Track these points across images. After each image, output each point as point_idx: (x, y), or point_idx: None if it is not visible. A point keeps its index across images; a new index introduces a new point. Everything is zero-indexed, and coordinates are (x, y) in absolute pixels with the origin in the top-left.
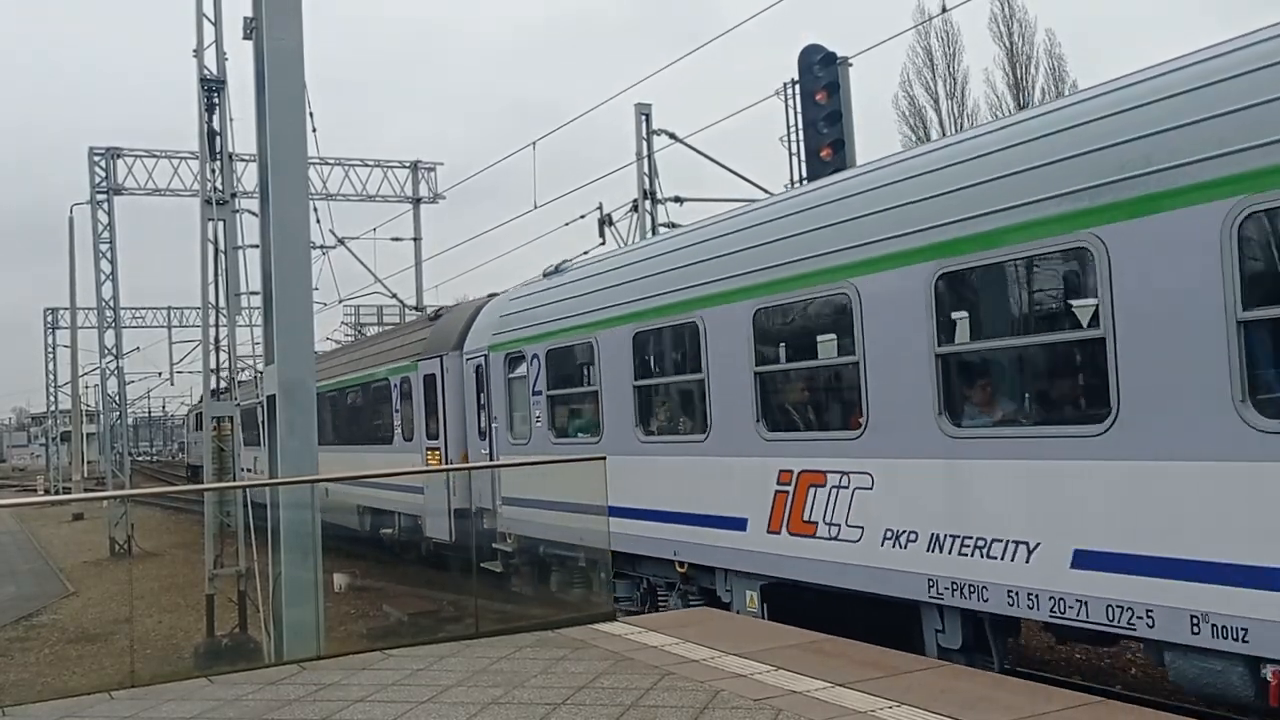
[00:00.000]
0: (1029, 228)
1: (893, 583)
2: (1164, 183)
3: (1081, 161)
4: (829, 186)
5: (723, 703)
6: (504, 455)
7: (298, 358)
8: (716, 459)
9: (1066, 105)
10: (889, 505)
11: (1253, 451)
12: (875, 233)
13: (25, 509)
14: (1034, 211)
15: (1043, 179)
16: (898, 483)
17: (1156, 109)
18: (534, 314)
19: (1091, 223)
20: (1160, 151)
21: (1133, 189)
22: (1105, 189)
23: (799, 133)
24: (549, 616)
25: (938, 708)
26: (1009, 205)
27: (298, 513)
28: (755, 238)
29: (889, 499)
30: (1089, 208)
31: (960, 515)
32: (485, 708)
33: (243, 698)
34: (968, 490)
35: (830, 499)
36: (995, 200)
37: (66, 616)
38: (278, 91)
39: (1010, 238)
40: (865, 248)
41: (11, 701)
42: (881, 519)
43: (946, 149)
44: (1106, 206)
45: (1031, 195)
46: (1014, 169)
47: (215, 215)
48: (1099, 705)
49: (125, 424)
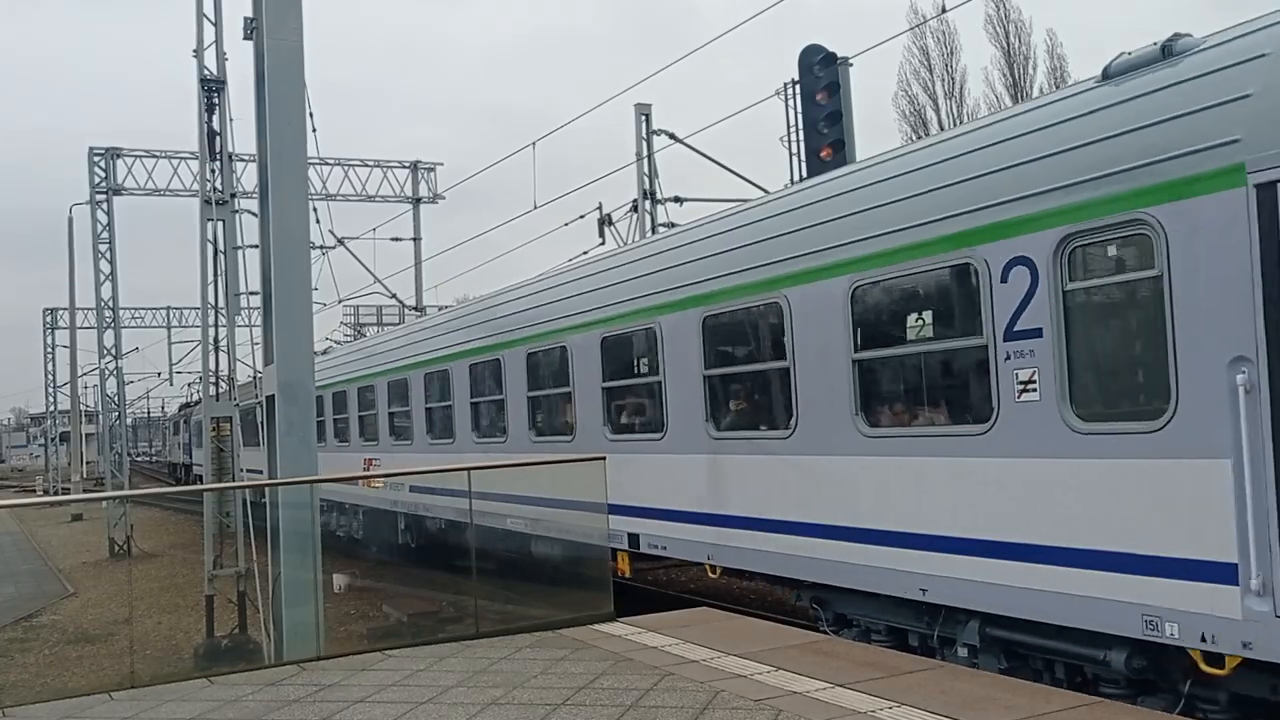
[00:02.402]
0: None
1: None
2: (820, 260)
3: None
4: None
5: (723, 703)
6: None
7: (297, 358)
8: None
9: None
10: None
11: (863, 448)
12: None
13: (24, 510)
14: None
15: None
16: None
17: (825, 207)
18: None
19: (780, 286)
20: (820, 239)
21: (803, 264)
22: (790, 261)
23: (799, 133)
24: (549, 617)
25: (937, 708)
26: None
27: (297, 513)
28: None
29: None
30: (781, 275)
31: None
32: (485, 708)
33: (242, 698)
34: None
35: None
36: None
37: (66, 617)
38: (278, 91)
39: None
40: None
41: (11, 702)
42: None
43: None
44: (788, 275)
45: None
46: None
47: (215, 215)
48: (1099, 705)
49: (124, 424)
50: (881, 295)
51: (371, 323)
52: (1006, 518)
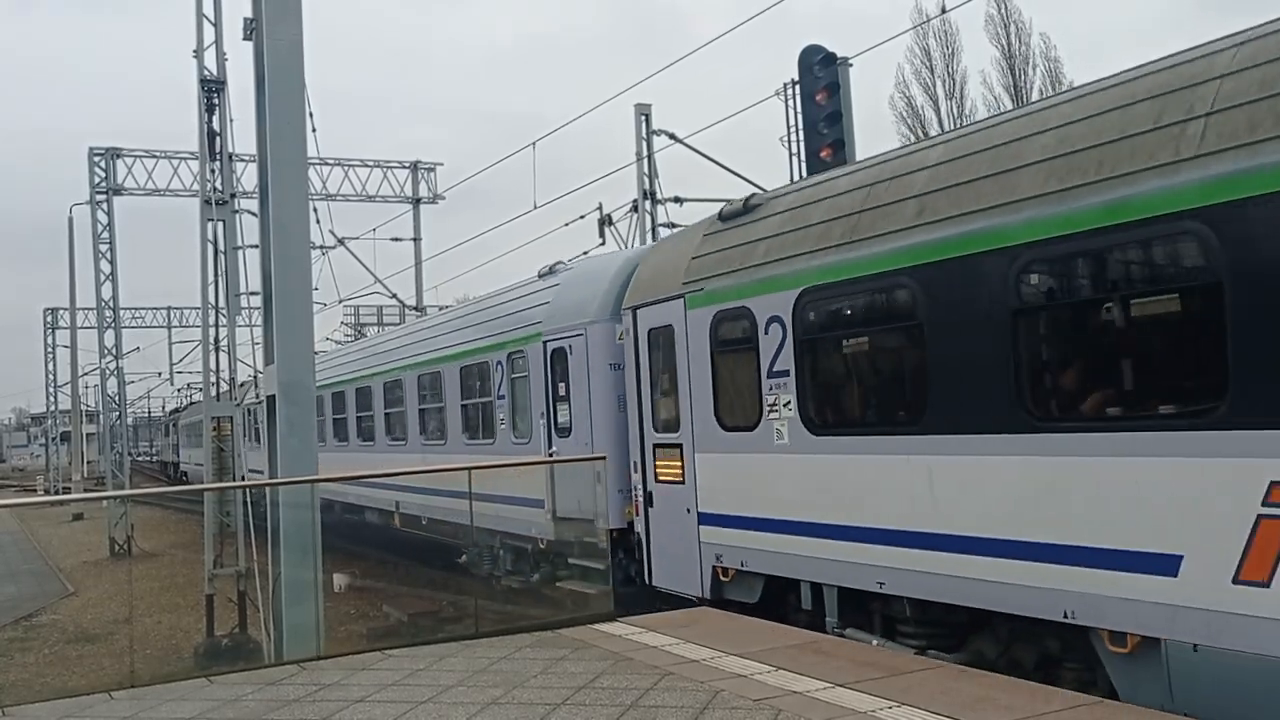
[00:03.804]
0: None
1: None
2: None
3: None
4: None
5: (723, 703)
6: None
7: (297, 358)
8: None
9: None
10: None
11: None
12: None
13: (25, 509)
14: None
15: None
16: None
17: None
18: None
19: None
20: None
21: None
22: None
23: (799, 133)
24: (549, 616)
25: (937, 708)
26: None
27: (297, 513)
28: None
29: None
30: (488, 345)
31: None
32: (485, 708)
33: (242, 698)
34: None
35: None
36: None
37: (66, 617)
38: (277, 91)
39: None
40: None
41: (11, 701)
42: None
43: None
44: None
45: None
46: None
47: (215, 215)
48: (1099, 706)
49: (125, 424)
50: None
51: (372, 323)
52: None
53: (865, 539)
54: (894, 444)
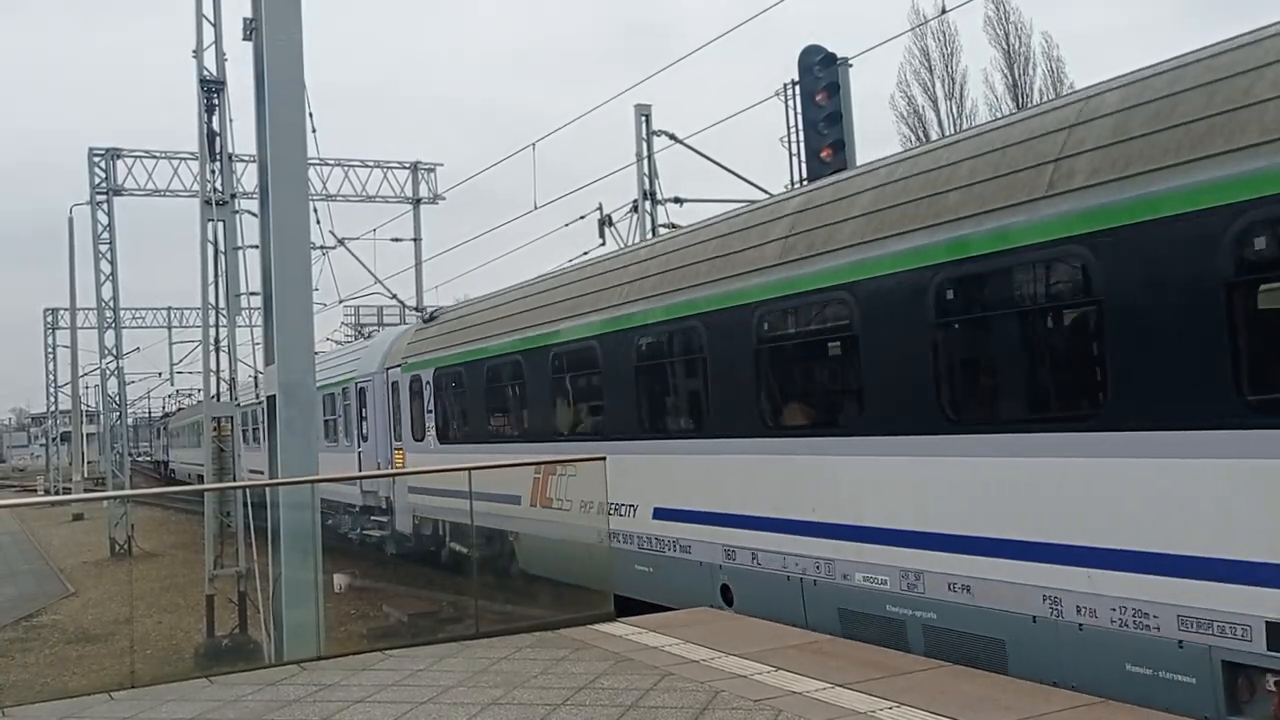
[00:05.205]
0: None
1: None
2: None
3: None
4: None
5: (723, 703)
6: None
7: (298, 358)
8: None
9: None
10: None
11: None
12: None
13: (25, 509)
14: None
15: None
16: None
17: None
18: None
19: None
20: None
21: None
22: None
23: (799, 133)
24: (549, 617)
25: (937, 708)
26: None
27: (298, 513)
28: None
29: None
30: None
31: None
32: (485, 708)
33: (243, 698)
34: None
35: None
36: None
37: (66, 617)
38: (277, 92)
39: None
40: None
41: (12, 702)
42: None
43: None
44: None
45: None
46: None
47: (215, 216)
48: (1099, 706)
49: (125, 424)
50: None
51: (372, 323)
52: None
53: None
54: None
